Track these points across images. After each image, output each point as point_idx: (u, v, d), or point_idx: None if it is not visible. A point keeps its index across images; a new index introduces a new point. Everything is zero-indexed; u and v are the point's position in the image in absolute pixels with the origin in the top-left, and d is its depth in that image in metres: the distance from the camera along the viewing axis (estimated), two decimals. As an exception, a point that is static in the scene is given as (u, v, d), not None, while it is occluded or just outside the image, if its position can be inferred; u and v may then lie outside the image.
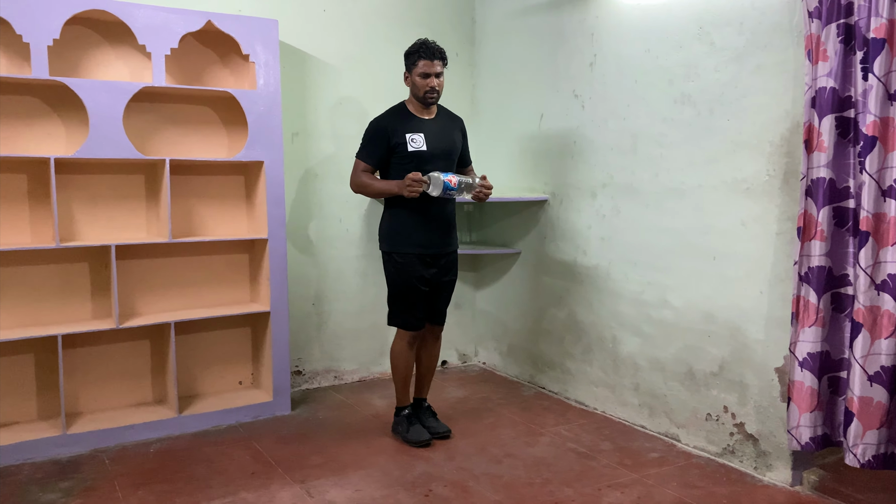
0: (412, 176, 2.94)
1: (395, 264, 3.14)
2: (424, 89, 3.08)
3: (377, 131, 3.13)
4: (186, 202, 3.55)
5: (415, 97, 3.14)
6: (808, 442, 2.53)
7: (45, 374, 3.29)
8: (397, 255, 3.13)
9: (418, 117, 3.15)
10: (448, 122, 3.25)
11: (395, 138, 3.08)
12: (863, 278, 2.34)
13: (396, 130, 3.09)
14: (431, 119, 3.18)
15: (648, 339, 3.32)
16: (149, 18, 3.18)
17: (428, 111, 3.18)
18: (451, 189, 2.96)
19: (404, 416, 3.27)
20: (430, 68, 3.06)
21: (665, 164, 3.18)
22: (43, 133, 3.23)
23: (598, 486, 2.78)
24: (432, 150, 3.10)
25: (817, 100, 2.44)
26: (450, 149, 3.19)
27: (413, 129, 3.11)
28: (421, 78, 3.07)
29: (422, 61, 3.06)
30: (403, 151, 3.08)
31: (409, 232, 3.11)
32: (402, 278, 3.14)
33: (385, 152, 3.11)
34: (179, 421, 3.35)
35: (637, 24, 3.28)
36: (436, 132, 3.15)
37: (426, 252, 3.13)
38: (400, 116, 3.15)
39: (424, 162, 3.07)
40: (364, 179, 3.14)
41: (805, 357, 2.52)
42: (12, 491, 2.75)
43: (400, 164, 3.10)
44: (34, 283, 3.25)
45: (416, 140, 3.09)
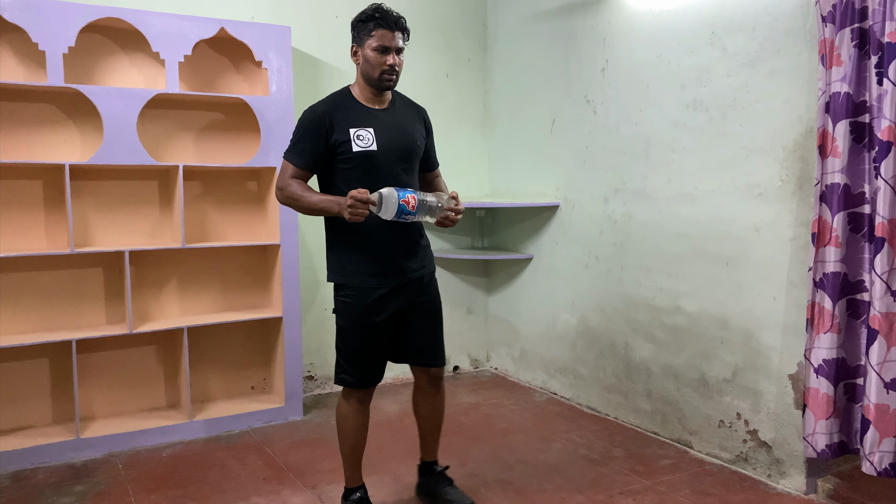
0: (356, 195, 2.16)
1: (342, 300, 2.42)
2: (381, 68, 2.34)
3: (312, 123, 2.36)
4: (199, 208, 3.57)
5: (365, 79, 2.38)
6: (825, 449, 2.51)
7: (60, 379, 3.32)
8: (346, 288, 2.40)
9: (367, 107, 2.40)
10: (405, 113, 2.51)
11: (336, 134, 2.33)
12: (878, 285, 2.32)
13: (338, 123, 2.34)
14: (383, 109, 2.43)
15: (661, 345, 3.30)
16: (163, 26, 3.21)
17: (380, 99, 2.43)
18: (408, 213, 2.20)
19: (353, 502, 2.54)
20: (390, 41, 2.33)
21: (678, 170, 3.17)
22: (58, 140, 3.26)
23: (610, 492, 2.76)
24: (385, 150, 2.36)
25: (831, 105, 2.43)
26: (408, 148, 2.44)
27: (359, 122, 2.36)
28: (377, 53, 2.33)
29: (379, 31, 2.33)
30: (347, 152, 2.33)
31: (359, 258, 2.39)
32: (348, 318, 2.40)
33: (323, 151, 2.36)
34: (192, 426, 3.37)
35: (649, 30, 3.27)
36: (389, 126, 2.41)
37: (384, 283, 2.39)
38: (343, 105, 2.39)
39: (374, 167, 2.34)
40: (294, 190, 2.35)
41: (821, 364, 2.50)
42: (27, 494, 2.77)
43: (344, 169, 2.36)
44: (49, 288, 3.28)
45: (364, 137, 2.34)
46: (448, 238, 4.42)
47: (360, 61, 2.38)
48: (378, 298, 2.39)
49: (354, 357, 2.42)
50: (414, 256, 2.46)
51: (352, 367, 2.42)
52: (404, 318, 2.48)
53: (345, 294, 2.41)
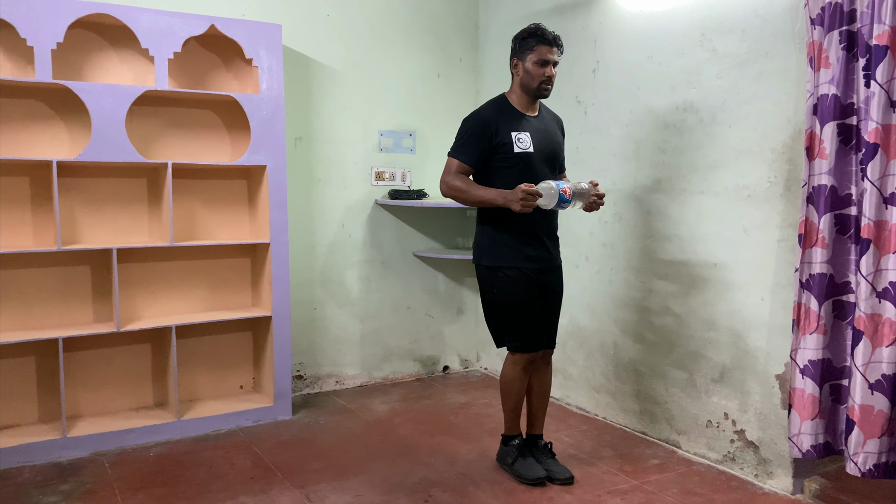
0: (526, 188, 2.53)
1: (505, 280, 2.77)
2: (540, 79, 2.69)
3: (480, 127, 2.71)
4: (189, 206, 3.55)
5: (523, 89, 2.74)
6: (810, 450, 2.52)
7: (46, 377, 3.29)
8: (506, 269, 2.76)
9: (523, 114, 2.77)
10: (551, 120, 2.91)
11: (500, 137, 2.69)
12: (864, 286, 2.34)
13: (501, 128, 2.70)
14: (535, 116, 2.81)
15: (650, 345, 3.31)
16: (152, 22, 3.19)
17: (532, 107, 2.80)
18: (565, 201, 2.57)
19: (513, 446, 2.92)
20: (548, 55, 2.68)
21: (667, 171, 3.18)
22: (46, 136, 3.24)
23: (598, 492, 2.77)
24: (539, 151, 2.74)
25: (819, 107, 2.44)
26: (555, 151, 2.85)
27: (519, 127, 2.73)
28: (537, 66, 2.68)
29: (540, 46, 2.67)
30: (508, 153, 2.70)
31: (518, 245, 2.75)
32: (514, 295, 2.76)
33: (487, 152, 2.71)
34: (180, 425, 3.35)
35: (640, 31, 3.29)
36: (541, 131, 2.79)
37: (536, 266, 2.79)
38: (504, 111, 2.75)
39: (530, 166, 2.71)
40: (460, 183, 2.71)
41: (806, 364, 2.51)
42: (12, 493, 2.75)
43: (502, 167, 2.72)
44: (36, 285, 3.25)
45: (523, 140, 2.70)
46: (438, 238, 4.42)
47: (521, 73, 2.74)
48: (531, 278, 2.78)
49: (520, 323, 2.79)
50: (555, 246, 2.90)
51: (520, 333, 2.80)
52: (545, 305, 2.87)
53: (503, 275, 2.77)
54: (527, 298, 2.77)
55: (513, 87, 2.79)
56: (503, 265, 2.76)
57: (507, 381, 2.87)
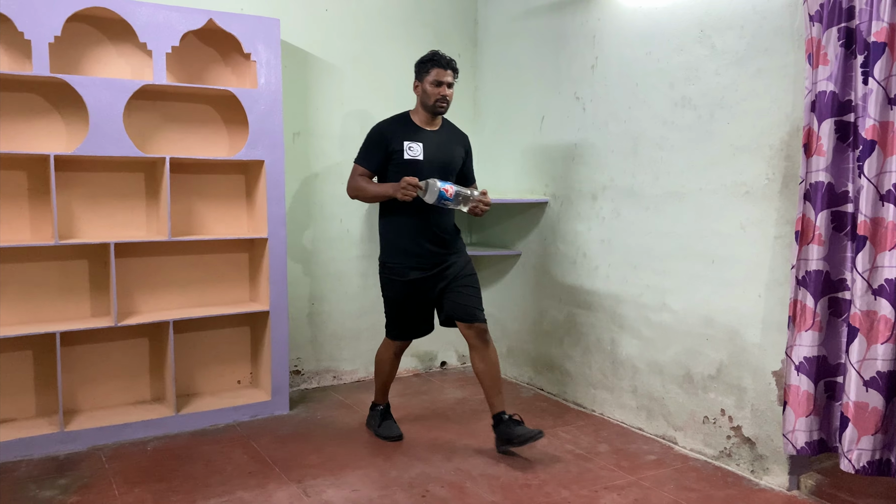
0: (408, 179, 2.89)
1: (389, 272, 3.13)
2: (435, 97, 3.05)
3: (377, 136, 3.11)
4: (186, 201, 3.55)
5: (423, 106, 3.11)
6: (804, 447, 2.53)
7: (44, 372, 3.29)
8: (389, 263, 3.12)
9: (420, 128, 3.12)
10: (451, 136, 3.22)
11: (394, 144, 3.06)
12: (860, 283, 2.34)
13: (395, 137, 3.07)
14: (434, 131, 3.15)
15: (647, 341, 3.32)
16: (150, 16, 3.18)
17: (432, 123, 3.15)
18: (447, 199, 2.87)
19: (378, 411, 3.36)
20: (444, 76, 3.04)
21: (665, 168, 3.18)
22: (43, 130, 3.23)
23: (594, 487, 2.78)
24: (429, 160, 3.07)
25: (817, 104, 2.44)
26: (448, 162, 3.14)
27: (413, 137, 3.09)
28: (433, 86, 3.04)
29: (435, 69, 3.04)
30: (399, 159, 3.06)
31: (402, 241, 3.08)
32: (390, 289, 3.16)
33: (383, 158, 3.09)
34: (177, 419, 3.36)
35: (638, 27, 3.28)
36: (436, 144, 3.12)
37: (420, 263, 3.08)
38: (402, 124, 3.13)
39: (419, 172, 3.01)
40: (360, 183, 3.11)
41: (801, 361, 2.52)
42: (9, 487, 2.75)
43: (395, 172, 3.06)
44: (33, 280, 3.25)
45: (414, 148, 3.06)
46: (436, 233, 4.41)
47: (420, 93, 3.10)
48: (413, 275, 3.08)
49: (392, 315, 3.21)
50: (444, 246, 3.11)
51: (394, 325, 3.22)
52: (442, 290, 3.10)
53: (387, 270, 3.14)
54: (398, 294, 3.14)
55: (416, 105, 3.16)
56: (388, 261, 3.13)
57: (379, 360, 3.32)
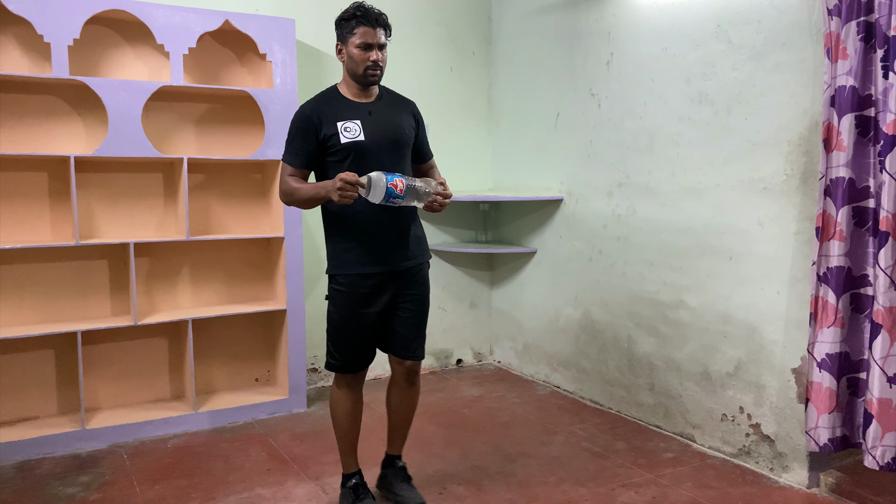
0: (344, 176, 2.20)
1: (333, 288, 2.49)
2: (364, 64, 2.37)
3: (303, 122, 2.41)
4: (204, 200, 3.58)
5: (351, 75, 2.43)
6: (827, 443, 2.51)
7: (65, 370, 3.33)
8: (337, 277, 2.47)
9: (353, 101, 2.45)
10: (393, 105, 2.54)
11: (325, 129, 2.38)
12: (882, 279, 2.32)
13: (325, 119, 2.39)
14: (370, 102, 2.47)
15: (664, 339, 3.30)
16: (167, 18, 3.21)
17: (366, 94, 2.47)
18: (396, 196, 2.23)
19: (350, 489, 2.57)
20: (372, 37, 2.36)
21: (682, 164, 3.16)
22: (63, 132, 3.27)
23: (612, 485, 2.77)
24: (373, 140, 2.39)
25: (836, 98, 2.42)
26: (396, 138, 2.47)
27: (347, 115, 2.40)
28: (360, 50, 2.36)
29: (361, 28, 2.36)
30: (336, 145, 2.37)
31: (350, 246, 2.44)
32: (339, 306, 2.47)
33: (315, 148, 2.41)
34: (196, 417, 3.39)
35: (654, 23, 3.27)
36: (377, 118, 2.44)
37: (373, 271, 2.44)
38: (330, 102, 2.44)
39: (364, 156, 2.37)
40: (289, 185, 2.40)
41: (824, 358, 2.50)
42: (32, 485, 2.79)
43: (334, 162, 2.40)
44: (54, 280, 3.29)
45: (351, 129, 2.38)
46: (451, 232, 4.42)
47: (345, 59, 2.42)
48: (368, 288, 2.44)
49: (343, 344, 2.48)
50: (405, 247, 2.49)
51: (339, 352, 2.49)
52: (392, 307, 2.51)
53: (337, 283, 2.47)
54: (349, 310, 2.45)
55: (343, 76, 2.49)
56: (338, 271, 2.48)
57: (333, 406, 2.57)
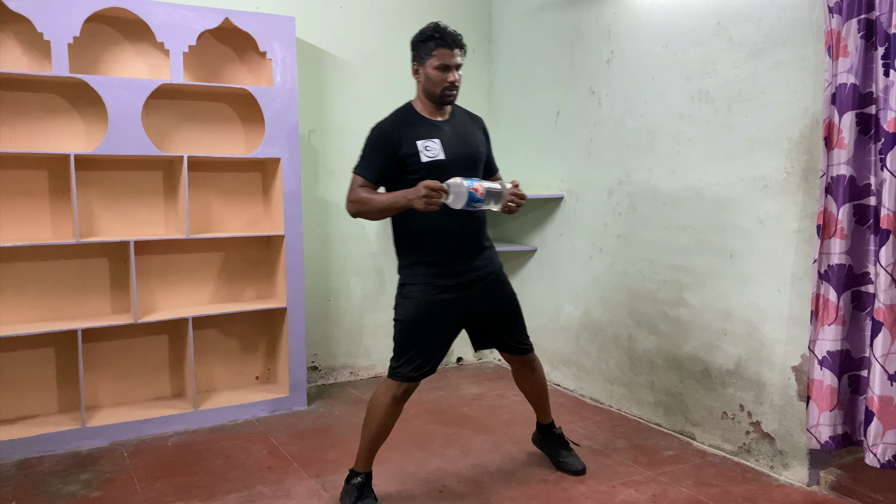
0: (429, 183, 2.27)
1: (406, 296, 2.54)
2: (442, 85, 2.48)
3: (381, 139, 2.49)
4: (204, 198, 3.58)
5: (427, 95, 2.53)
6: (828, 441, 2.51)
7: (66, 368, 3.33)
8: (411, 286, 2.53)
9: (431, 120, 2.55)
10: (467, 122, 2.66)
11: (405, 147, 2.47)
12: (883, 276, 2.32)
13: (405, 138, 2.48)
14: (446, 121, 2.58)
15: (665, 336, 3.30)
16: (167, 16, 3.21)
17: (441, 112, 2.58)
18: (477, 200, 2.32)
19: (355, 485, 2.57)
20: (450, 59, 2.45)
21: (682, 162, 3.16)
22: (63, 130, 3.27)
23: (612, 483, 2.77)
24: (451, 158, 2.49)
25: (837, 96, 2.42)
26: (473, 155, 2.59)
27: (426, 134, 2.50)
28: (438, 71, 2.46)
29: (439, 50, 2.45)
30: (416, 164, 2.46)
31: (431, 257, 2.51)
32: (410, 313, 2.51)
33: (391, 165, 2.48)
34: (197, 415, 3.39)
35: (654, 20, 3.26)
36: (454, 136, 2.55)
37: (453, 282, 2.52)
38: (408, 120, 2.53)
39: (443, 174, 2.42)
40: (362, 196, 2.45)
41: (825, 355, 2.50)
42: (33, 482, 2.79)
43: (412, 179, 2.44)
44: (55, 278, 3.29)
45: (431, 148, 2.47)
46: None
47: (423, 79, 2.52)
48: (437, 299, 2.51)
49: (408, 347, 2.51)
50: (479, 257, 2.59)
51: (402, 357, 2.51)
52: (477, 312, 2.61)
53: (408, 290, 2.53)
54: (427, 316, 2.50)
55: (417, 93, 2.59)
56: (410, 281, 2.53)
57: (375, 407, 2.55)
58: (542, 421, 2.96)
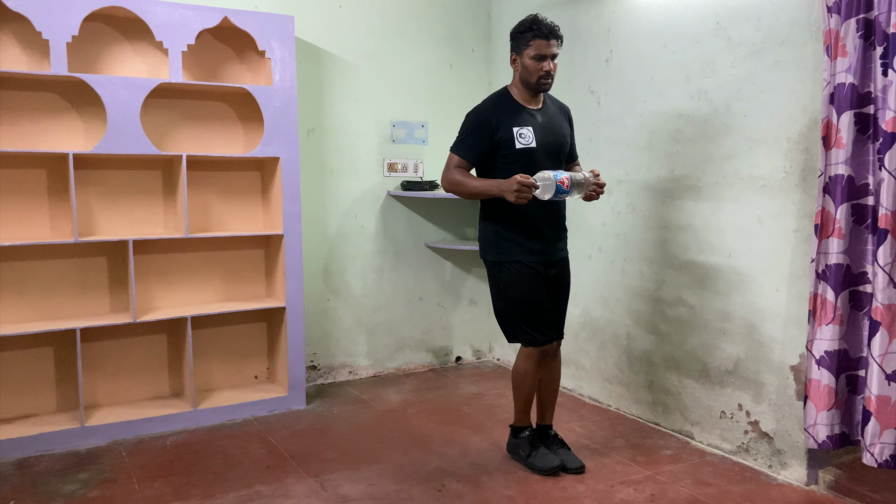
0: (521, 179, 2.50)
1: (509, 274, 2.76)
2: (538, 74, 2.64)
3: (481, 123, 2.69)
4: (203, 198, 3.58)
5: (524, 83, 2.71)
6: (825, 440, 2.51)
7: (64, 367, 3.33)
8: (509, 263, 2.76)
9: (526, 108, 2.74)
10: (556, 111, 2.85)
11: (501, 133, 2.67)
12: (881, 276, 2.32)
13: (502, 123, 2.68)
14: (539, 110, 2.77)
15: (663, 336, 3.31)
16: (166, 15, 3.20)
17: (535, 100, 2.76)
18: (563, 192, 2.56)
19: (525, 439, 2.92)
20: (547, 49, 2.63)
21: (681, 161, 3.16)
22: (62, 129, 3.26)
23: (610, 482, 2.77)
24: (542, 146, 2.70)
25: (836, 96, 2.42)
26: (560, 144, 2.80)
27: (521, 121, 2.70)
28: (535, 61, 2.64)
29: (537, 41, 2.62)
30: (510, 149, 2.68)
31: (520, 238, 2.75)
32: (519, 289, 2.75)
33: (488, 148, 2.70)
34: (196, 414, 3.39)
35: (653, 20, 3.26)
36: (544, 125, 2.75)
37: (541, 259, 2.77)
38: (507, 107, 2.72)
39: (533, 161, 2.67)
40: (458, 177, 2.70)
41: (822, 355, 2.50)
42: (32, 482, 2.79)
43: (506, 163, 2.69)
44: (53, 277, 3.29)
45: (525, 135, 2.68)
46: (451, 229, 4.42)
47: (520, 68, 2.70)
48: (535, 270, 2.76)
49: (530, 317, 2.77)
50: (560, 239, 2.87)
51: (530, 327, 2.78)
52: (548, 291, 2.82)
53: (507, 269, 2.78)
54: (533, 292, 2.75)
55: (514, 81, 2.77)
56: (505, 259, 2.76)
57: (520, 374, 2.86)
58: (543, 422, 3.01)
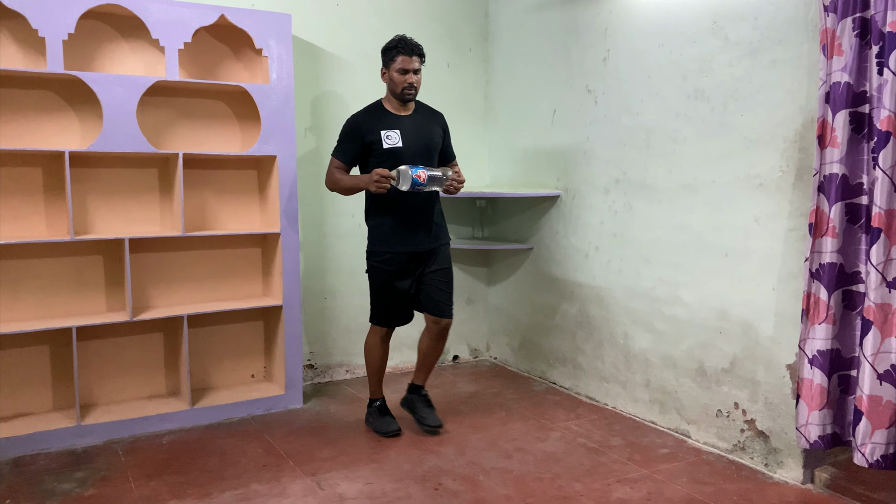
0: (380, 171, 2.91)
1: (375, 264, 3.17)
2: (402, 85, 3.06)
3: (353, 129, 3.11)
4: (200, 196, 3.57)
5: (392, 93, 3.12)
6: (817, 440, 2.52)
7: (60, 366, 3.33)
8: (374, 253, 3.17)
9: (394, 114, 3.13)
10: (426, 117, 3.22)
11: (370, 136, 3.07)
12: (874, 275, 2.32)
13: (371, 128, 3.08)
14: (408, 116, 3.15)
15: (660, 335, 3.31)
16: (163, 13, 3.20)
17: (405, 108, 3.16)
18: (420, 184, 2.90)
19: (375, 408, 3.35)
20: (409, 64, 3.04)
21: (678, 160, 3.17)
22: (58, 127, 3.26)
23: (607, 481, 2.78)
24: (408, 146, 3.07)
25: (831, 95, 2.42)
26: (427, 144, 3.16)
27: (388, 125, 3.09)
28: (399, 74, 3.05)
29: (400, 57, 3.04)
30: (379, 149, 3.06)
31: (386, 231, 3.13)
32: (376, 278, 3.19)
33: (360, 150, 3.10)
34: (192, 413, 3.39)
35: (651, 19, 3.26)
36: (412, 129, 3.13)
37: (405, 251, 3.12)
38: (376, 114, 3.13)
39: (401, 160, 3.02)
40: (336, 176, 3.12)
41: (815, 355, 2.50)
42: (27, 480, 2.79)
43: (376, 162, 3.06)
44: (49, 275, 3.28)
45: (392, 137, 3.06)
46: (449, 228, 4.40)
47: (388, 80, 3.12)
48: (399, 265, 3.14)
49: (381, 308, 3.23)
50: (429, 233, 3.18)
51: (379, 313, 3.24)
52: (422, 279, 3.20)
53: (374, 259, 3.18)
54: (388, 283, 3.16)
55: (386, 92, 3.17)
56: (374, 250, 3.18)
57: (367, 349, 3.31)
58: (416, 382, 3.39)
